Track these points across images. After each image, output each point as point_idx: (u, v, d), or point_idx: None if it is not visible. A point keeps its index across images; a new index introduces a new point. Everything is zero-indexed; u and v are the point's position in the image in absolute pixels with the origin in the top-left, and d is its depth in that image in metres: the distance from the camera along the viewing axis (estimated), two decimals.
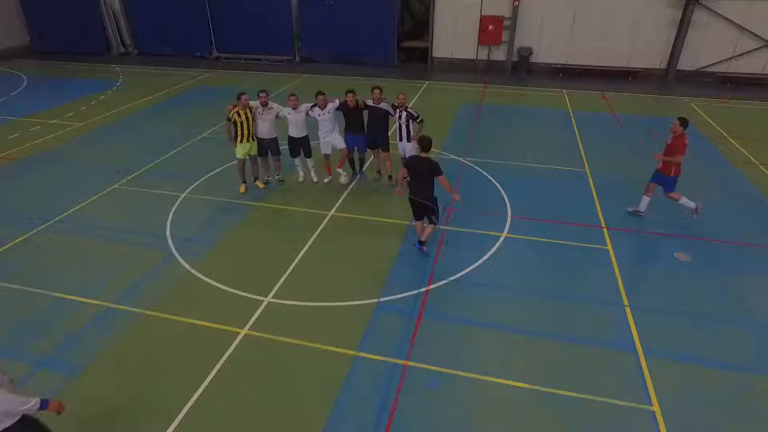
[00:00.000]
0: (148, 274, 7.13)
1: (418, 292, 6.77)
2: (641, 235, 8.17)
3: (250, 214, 8.83)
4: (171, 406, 5.07)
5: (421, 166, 7.06)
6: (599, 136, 12.73)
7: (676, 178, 8.17)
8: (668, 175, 8.16)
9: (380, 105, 9.10)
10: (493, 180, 10.03)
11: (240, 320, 6.22)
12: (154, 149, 11.50)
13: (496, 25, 18.66)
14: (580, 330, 6.13)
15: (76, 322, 6.24)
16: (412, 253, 7.63)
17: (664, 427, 4.83)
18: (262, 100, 8.80)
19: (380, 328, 6.14)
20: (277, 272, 7.15)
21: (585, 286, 6.96)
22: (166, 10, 21.19)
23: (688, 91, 16.87)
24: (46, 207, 8.95)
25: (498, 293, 6.81)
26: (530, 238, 8.04)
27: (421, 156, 7.10)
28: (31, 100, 15.73)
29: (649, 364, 5.56)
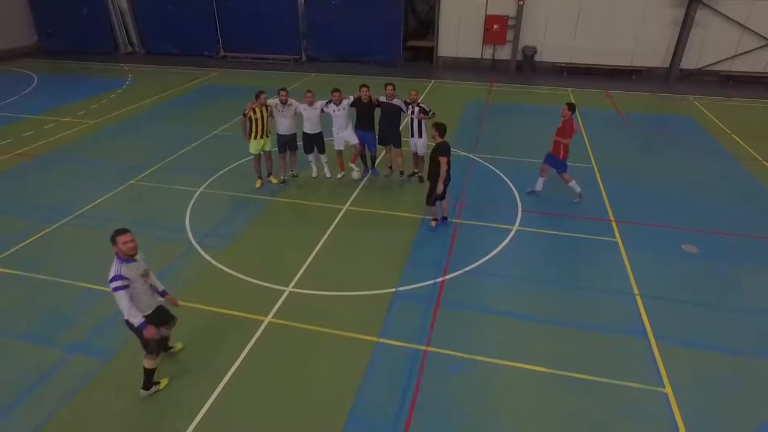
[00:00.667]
0: (171, 265, 7.34)
1: (435, 282, 6.98)
2: (649, 228, 8.38)
3: (267, 209, 9.04)
4: (202, 389, 5.27)
5: (434, 149, 7.72)
6: (604, 133, 12.94)
7: (566, 160, 8.78)
8: (559, 156, 8.71)
9: (393, 101, 9.30)
10: (503, 175, 10.24)
11: (263, 309, 6.42)
12: (168, 146, 11.70)
13: (501, 25, 18.88)
14: (592, 317, 6.34)
15: (104, 310, 6.42)
16: (426, 245, 7.84)
17: (677, 408, 5.04)
18: (282, 97, 9.00)
19: (399, 315, 6.34)
20: (296, 264, 7.35)
21: (596, 276, 7.17)
22: (173, 9, 21.40)
23: (690, 89, 17.10)
24: (65, 202, 9.15)
25: (511, 283, 7.01)
26: (541, 230, 8.25)
27: (437, 140, 7.68)
28: (43, 98, 15.93)
29: (661, 349, 5.76)
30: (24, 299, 6.68)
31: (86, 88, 16.97)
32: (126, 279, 4.53)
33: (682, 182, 10.04)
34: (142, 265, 4.77)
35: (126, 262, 4.60)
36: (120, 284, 4.50)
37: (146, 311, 4.81)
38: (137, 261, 4.70)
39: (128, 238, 4.59)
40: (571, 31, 18.65)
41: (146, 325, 4.68)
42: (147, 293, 4.81)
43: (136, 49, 23.04)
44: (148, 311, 4.85)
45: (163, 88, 17.02)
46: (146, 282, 4.79)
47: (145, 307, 4.80)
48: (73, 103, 15.30)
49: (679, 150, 11.84)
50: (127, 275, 4.54)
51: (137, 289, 4.68)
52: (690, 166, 10.90)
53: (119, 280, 4.50)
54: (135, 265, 4.66)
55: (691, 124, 13.77)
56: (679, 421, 4.90)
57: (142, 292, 4.74)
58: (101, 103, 15.23)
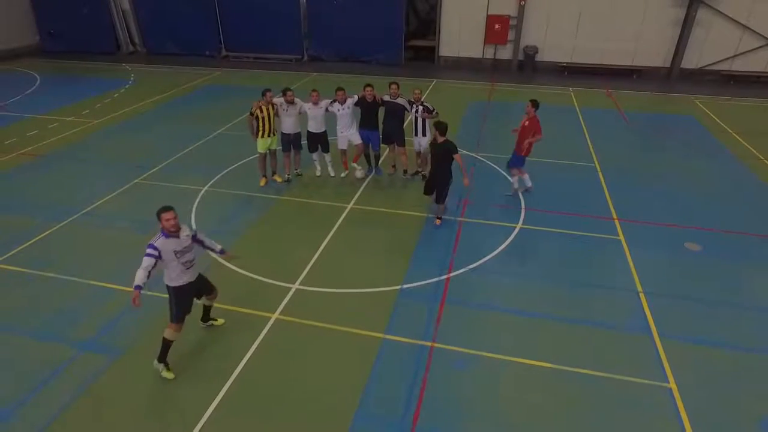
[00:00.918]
0: None
1: (439, 279, 7.04)
2: (652, 226, 8.44)
3: (272, 207, 9.10)
4: (211, 386, 5.32)
5: (439, 148, 7.78)
6: (607, 132, 13.00)
7: (526, 157, 9.06)
8: (522, 154, 8.95)
9: (397, 100, 9.36)
10: (506, 174, 10.29)
11: (270, 306, 6.48)
12: (172, 145, 11.76)
13: (503, 25, 18.94)
14: (596, 314, 6.40)
15: (113, 307, 6.50)
16: (430, 243, 7.90)
17: (681, 402, 5.10)
18: (289, 98, 9.06)
19: (405, 312, 6.40)
20: (302, 261, 7.41)
21: (599, 273, 7.23)
22: (175, 9, 21.45)
23: (691, 88, 17.16)
24: (71, 200, 9.20)
25: (516, 281, 7.07)
26: (544, 229, 8.31)
27: (439, 139, 7.73)
28: (46, 98, 15.99)
29: (664, 345, 5.82)
30: (33, 297, 6.74)
31: (89, 88, 17.03)
32: (157, 250, 4.93)
33: (684, 181, 10.11)
34: (185, 241, 5.12)
35: (166, 237, 5.00)
36: (148, 252, 4.94)
37: (177, 282, 5.19)
38: (179, 237, 5.06)
39: (170, 216, 4.94)
40: (572, 30, 18.71)
41: (138, 290, 4.89)
42: (178, 269, 5.13)
43: (137, 49, 23.09)
44: (180, 282, 5.21)
45: (165, 87, 17.08)
46: (180, 259, 5.09)
47: (175, 278, 5.19)
48: (76, 102, 15.36)
49: (681, 149, 11.91)
50: (160, 248, 4.95)
51: (170, 263, 5.07)
52: (692, 164, 10.96)
53: (150, 249, 4.94)
54: (175, 241, 5.03)
55: (692, 123, 13.84)
56: (683, 416, 4.96)
57: (173, 266, 5.11)
58: (104, 103, 15.29)
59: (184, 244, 5.11)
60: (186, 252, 5.14)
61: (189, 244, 5.18)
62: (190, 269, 5.27)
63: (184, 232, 5.15)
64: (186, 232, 5.18)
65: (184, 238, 5.12)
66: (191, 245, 5.22)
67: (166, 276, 5.18)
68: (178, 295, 5.25)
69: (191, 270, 5.29)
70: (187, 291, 5.32)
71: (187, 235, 5.18)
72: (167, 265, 5.08)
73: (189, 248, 5.18)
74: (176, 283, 5.19)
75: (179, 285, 5.20)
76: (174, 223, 4.94)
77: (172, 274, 5.15)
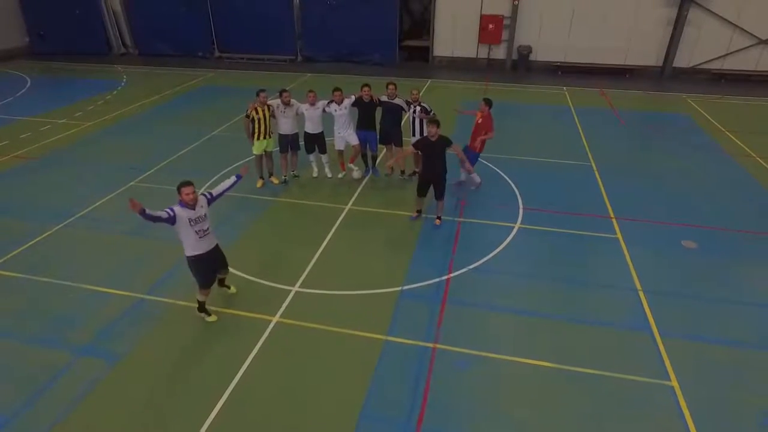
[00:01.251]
0: (176, 267, 7.31)
1: (440, 280, 7.03)
2: (649, 224, 8.49)
3: (269, 209, 9.05)
4: (212, 391, 5.27)
5: (435, 145, 7.78)
6: (601, 131, 13.07)
7: (480, 153, 9.36)
8: (476, 150, 9.17)
9: (394, 100, 9.35)
10: (503, 174, 10.33)
11: (271, 308, 6.44)
12: (167, 147, 11.66)
13: (496, 24, 18.99)
14: (596, 313, 6.42)
15: (110, 312, 6.42)
16: (430, 244, 7.89)
17: (683, 401, 5.13)
18: (285, 99, 9.01)
19: (406, 314, 6.39)
20: (301, 263, 7.38)
21: (598, 272, 7.26)
22: (167, 9, 21.28)
23: (683, 87, 17.31)
24: (65, 204, 9.10)
25: (516, 280, 7.08)
26: (543, 228, 8.33)
27: (434, 136, 7.75)
28: (38, 100, 15.80)
29: (665, 343, 5.86)
30: (28, 303, 6.65)
31: (81, 90, 16.85)
32: (173, 212, 5.45)
33: (679, 179, 10.19)
34: (200, 211, 5.61)
35: (183, 207, 5.51)
36: (165, 209, 5.45)
37: (194, 251, 5.71)
38: (195, 210, 5.56)
39: (189, 191, 5.46)
40: (565, 30, 18.80)
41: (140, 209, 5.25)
42: (192, 236, 5.62)
43: (129, 50, 22.90)
44: (197, 252, 5.72)
45: (158, 89, 16.94)
46: (194, 227, 5.57)
47: (192, 247, 5.69)
48: (68, 104, 15.19)
49: (675, 147, 12.00)
50: (176, 214, 5.46)
51: (184, 229, 5.57)
52: (687, 163, 11.05)
53: (168, 209, 5.46)
54: (191, 212, 5.54)
55: (686, 121, 13.95)
56: (686, 414, 4.99)
57: (188, 234, 5.60)
58: (97, 105, 15.14)
59: (199, 214, 5.60)
60: (200, 221, 5.62)
61: (204, 214, 5.66)
62: (204, 238, 5.70)
63: (200, 203, 5.63)
64: (201, 203, 5.64)
65: (199, 208, 5.61)
66: (206, 215, 5.69)
67: (185, 246, 5.70)
68: (197, 263, 5.78)
69: (205, 239, 5.73)
70: (204, 260, 5.80)
71: (202, 206, 5.65)
72: (182, 232, 5.58)
73: (203, 218, 5.66)
74: (193, 252, 5.70)
75: (196, 254, 5.71)
76: (193, 197, 5.46)
77: (188, 241, 5.63)
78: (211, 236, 5.84)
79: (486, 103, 8.97)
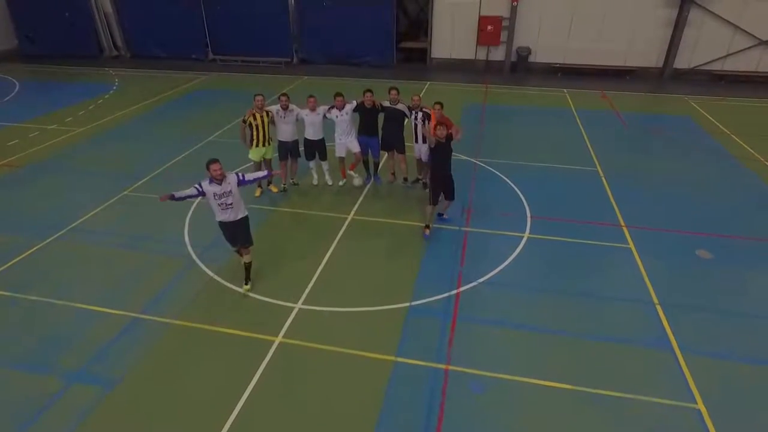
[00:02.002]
0: (172, 282, 6.99)
1: (449, 294, 6.74)
2: (661, 233, 8.25)
3: (269, 219, 8.73)
4: (214, 419, 4.96)
5: (445, 147, 7.67)
6: (605, 134, 12.85)
7: None
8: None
9: (397, 106, 9.06)
10: (508, 180, 10.06)
11: (273, 328, 6.12)
12: (161, 154, 11.30)
13: (495, 26, 18.74)
14: (613, 328, 6.16)
15: (104, 333, 6.08)
16: (437, 255, 7.61)
17: (713, 426, 4.87)
18: (283, 103, 8.69)
19: (416, 332, 6.09)
20: (303, 278, 7.07)
21: (612, 284, 7.00)
22: (160, 11, 20.88)
23: (684, 88, 17.15)
24: (56, 215, 8.72)
25: (528, 294, 6.81)
26: (552, 238, 8.07)
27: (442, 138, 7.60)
28: (27, 105, 15.37)
29: (688, 362, 5.60)
30: (16, 323, 6.28)
31: (71, 94, 16.43)
32: (201, 187, 6.17)
33: (687, 184, 9.97)
34: (226, 187, 6.23)
35: (211, 182, 6.16)
36: (195, 186, 6.19)
37: (218, 218, 6.44)
38: (221, 185, 6.19)
39: (217, 167, 6.09)
40: (565, 31, 18.60)
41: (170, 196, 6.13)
42: (217, 208, 6.32)
43: (121, 52, 22.45)
44: (220, 219, 6.44)
45: (152, 93, 16.54)
46: (218, 200, 6.24)
47: (217, 214, 6.42)
48: (58, 109, 14.77)
49: (681, 151, 11.79)
50: (204, 189, 6.18)
51: (210, 201, 6.27)
52: (693, 167, 10.85)
53: (197, 185, 6.18)
54: (218, 187, 6.19)
55: (688, 124, 13.77)
56: None
57: (214, 205, 6.31)
58: (88, 110, 14.73)
59: (225, 189, 6.22)
60: (225, 196, 6.25)
61: (229, 190, 6.26)
62: (226, 210, 6.37)
63: (227, 180, 6.22)
64: (229, 180, 6.24)
65: (225, 185, 6.21)
66: (231, 191, 6.28)
67: (214, 212, 6.44)
68: (221, 228, 6.57)
69: (228, 211, 6.38)
70: (225, 227, 6.53)
71: (229, 183, 6.25)
72: (210, 202, 6.32)
73: (228, 193, 6.26)
74: (218, 219, 6.47)
75: (220, 220, 6.48)
76: (220, 173, 6.10)
77: (215, 210, 6.38)
78: (236, 210, 6.44)
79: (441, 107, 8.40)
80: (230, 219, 6.43)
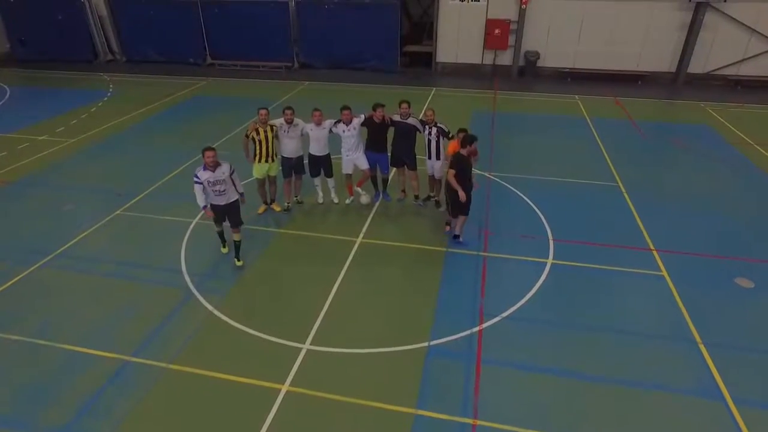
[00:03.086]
0: (168, 318, 6.39)
1: (471, 332, 6.16)
2: (694, 257, 7.67)
3: (272, 242, 8.13)
4: None
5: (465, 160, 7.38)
6: (623, 145, 12.26)
7: None
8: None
9: (408, 120, 8.47)
10: (525, 197, 9.47)
11: (279, 374, 5.53)
12: (157, 168, 10.69)
13: (503, 29, 18.15)
14: (655, 373, 5.58)
15: (92, 381, 5.48)
16: (455, 284, 7.03)
17: None
18: (288, 117, 8.10)
19: (437, 378, 5.51)
20: (310, 312, 6.48)
21: (648, 319, 6.42)
22: (156, 14, 20.23)
23: (699, 94, 16.58)
24: (43, 238, 8.12)
25: (556, 332, 6.22)
26: (578, 264, 7.49)
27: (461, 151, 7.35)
28: (17, 113, 14.72)
29: (745, 418, 5.02)
30: None
31: (64, 101, 15.78)
32: (199, 178, 6.73)
33: (715, 201, 9.40)
34: (219, 175, 6.77)
35: (204, 169, 6.72)
36: (195, 181, 6.80)
37: (212, 202, 7.01)
38: (215, 172, 6.74)
39: (211, 155, 6.63)
40: (575, 35, 18.01)
41: (204, 209, 7.01)
42: (210, 193, 6.89)
43: (116, 56, 21.79)
44: (214, 203, 7.02)
45: (148, 100, 15.91)
46: (211, 187, 6.80)
47: (211, 198, 6.97)
48: (49, 118, 14.13)
49: (704, 163, 11.21)
50: (202, 178, 6.73)
51: (207, 189, 6.83)
52: (720, 181, 10.27)
53: (195, 178, 6.79)
54: (212, 174, 6.74)
55: (708, 133, 13.19)
56: None
57: (208, 191, 6.86)
58: (81, 119, 14.10)
59: (218, 177, 6.77)
60: (218, 183, 6.81)
61: (222, 178, 6.81)
62: (220, 196, 6.95)
63: (221, 169, 6.78)
64: (223, 170, 6.80)
65: (219, 172, 6.77)
66: (224, 179, 6.83)
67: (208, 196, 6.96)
68: (211, 208, 7.05)
69: (221, 197, 6.95)
70: (217, 209, 7.09)
71: (223, 172, 6.80)
72: (206, 188, 6.82)
73: (221, 181, 6.81)
74: (210, 203, 7.01)
75: (212, 203, 7.02)
76: (212, 160, 6.63)
77: (209, 194, 6.91)
78: (227, 196, 6.98)
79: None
80: (222, 203, 7.02)
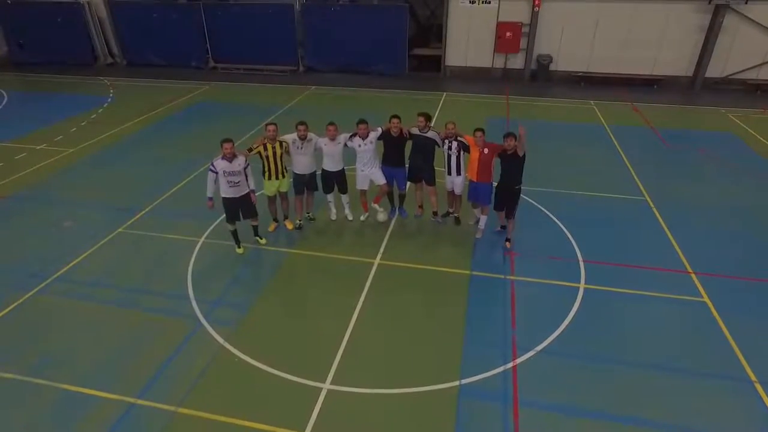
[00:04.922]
0: (176, 353, 5.90)
1: (505, 369, 5.67)
2: (735, 281, 7.19)
3: (285, 264, 7.64)
4: None
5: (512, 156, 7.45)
6: (646, 155, 11.78)
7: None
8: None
9: (427, 134, 7.98)
10: (549, 213, 8.99)
11: (299, 419, 5.04)
12: (161, 180, 10.20)
13: (514, 32, 17.66)
14: (708, 418, 5.09)
15: (96, 424, 5.00)
16: (483, 313, 6.55)
17: None
18: (301, 133, 7.61)
19: (472, 423, 5.02)
20: (329, 346, 5.99)
21: (695, 354, 5.93)
22: (158, 16, 19.76)
23: (718, 99, 16.10)
24: (40, 260, 7.63)
25: (596, 367, 5.74)
26: (612, 289, 7.00)
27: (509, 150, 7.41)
28: (15, 120, 14.24)
29: None
30: None
31: (63, 107, 15.29)
32: (214, 166, 6.95)
33: (751, 217, 8.90)
34: (235, 166, 6.98)
35: (222, 159, 6.94)
36: (210, 169, 7.03)
37: (224, 194, 7.13)
38: (231, 163, 6.94)
39: (229, 146, 6.88)
40: (589, 37, 17.52)
41: (210, 200, 7.24)
42: (225, 183, 7.03)
43: (116, 60, 21.31)
44: (226, 195, 7.15)
45: (150, 106, 15.41)
46: (227, 177, 6.98)
47: (223, 190, 7.11)
48: (48, 125, 13.64)
49: (734, 175, 10.71)
50: (218, 168, 6.95)
51: (221, 178, 7.00)
52: (753, 195, 9.76)
53: (211, 167, 7.01)
54: (227, 164, 6.94)
55: (733, 141, 12.70)
56: None
57: (222, 181, 7.02)
58: (81, 126, 13.61)
59: (234, 168, 6.98)
60: (233, 174, 7.01)
61: (238, 170, 7.01)
62: (233, 188, 7.10)
63: (238, 161, 6.99)
64: (239, 161, 7.01)
65: (235, 164, 6.97)
66: (239, 171, 7.04)
67: (220, 189, 7.12)
68: (224, 203, 7.23)
69: (234, 188, 7.11)
70: (230, 203, 7.23)
71: (239, 164, 7.01)
72: (219, 179, 7.00)
73: (236, 172, 7.02)
74: (224, 195, 7.15)
75: (225, 196, 7.15)
76: (230, 151, 6.89)
77: (222, 187, 7.07)
78: (241, 188, 7.17)
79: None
80: (235, 195, 7.15)
